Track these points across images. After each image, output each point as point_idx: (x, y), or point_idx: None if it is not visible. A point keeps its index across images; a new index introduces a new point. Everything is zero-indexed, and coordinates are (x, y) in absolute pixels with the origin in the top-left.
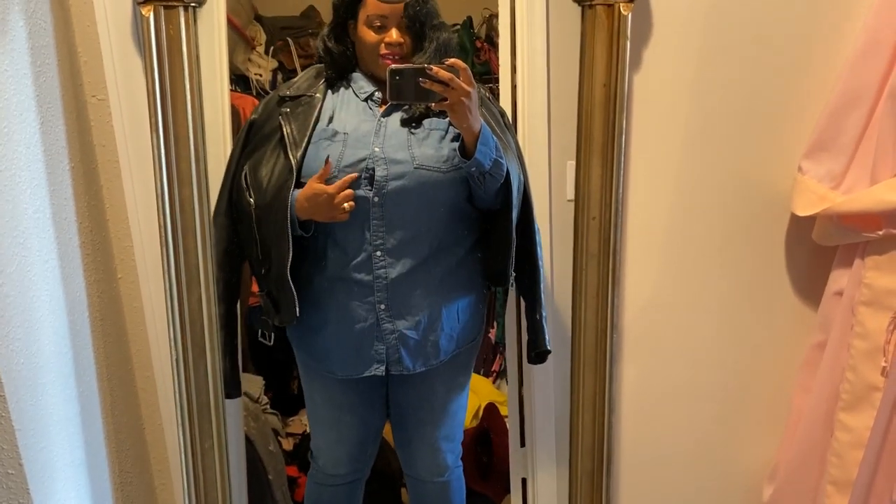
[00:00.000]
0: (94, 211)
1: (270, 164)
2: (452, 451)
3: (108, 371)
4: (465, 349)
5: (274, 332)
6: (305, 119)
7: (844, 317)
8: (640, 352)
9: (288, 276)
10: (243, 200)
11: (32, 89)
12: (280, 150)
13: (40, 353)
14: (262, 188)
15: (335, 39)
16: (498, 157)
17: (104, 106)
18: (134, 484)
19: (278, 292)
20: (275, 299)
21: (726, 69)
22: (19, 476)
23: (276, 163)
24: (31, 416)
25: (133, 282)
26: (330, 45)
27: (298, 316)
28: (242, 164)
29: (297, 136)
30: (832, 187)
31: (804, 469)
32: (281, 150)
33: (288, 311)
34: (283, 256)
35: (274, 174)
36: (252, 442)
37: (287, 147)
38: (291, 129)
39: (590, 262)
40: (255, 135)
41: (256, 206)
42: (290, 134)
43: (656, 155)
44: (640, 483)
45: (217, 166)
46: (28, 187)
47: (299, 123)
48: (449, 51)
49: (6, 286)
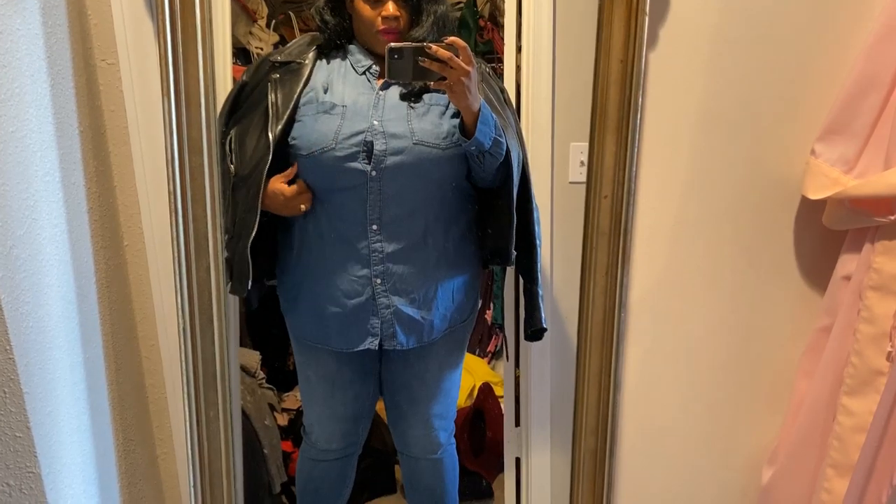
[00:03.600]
0: (103, 177)
1: (255, 137)
2: (445, 428)
3: (114, 339)
4: (458, 327)
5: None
6: (292, 87)
7: (851, 301)
8: (646, 332)
9: (248, 250)
10: (223, 165)
11: (44, 50)
12: (264, 122)
13: (49, 318)
14: (244, 159)
15: (332, 11)
16: (498, 136)
17: (114, 70)
18: (137, 452)
19: (236, 262)
20: (230, 266)
21: (743, 50)
22: (27, 439)
23: (259, 136)
24: (38, 380)
25: (140, 249)
26: (326, 18)
27: (251, 290)
28: (230, 128)
29: (281, 108)
30: (845, 171)
31: (805, 452)
32: (263, 124)
33: (240, 283)
34: (248, 229)
35: (258, 147)
36: (248, 416)
37: (268, 121)
38: (276, 99)
39: (600, 240)
40: (245, 99)
41: (236, 174)
42: (273, 103)
43: (670, 134)
44: (641, 462)
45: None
46: (38, 150)
47: (285, 92)
48: (447, 24)
49: (16, 248)
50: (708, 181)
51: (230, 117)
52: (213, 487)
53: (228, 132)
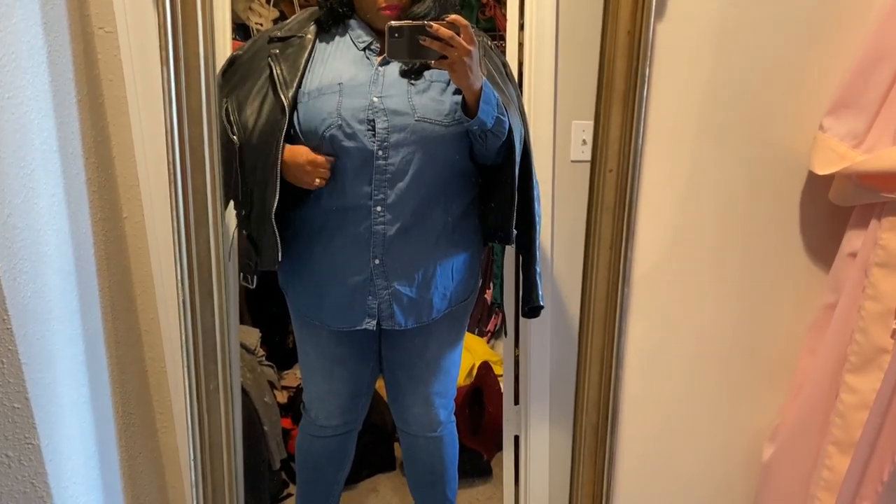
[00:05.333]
0: (101, 147)
1: (256, 104)
2: (445, 406)
3: (113, 312)
4: (458, 307)
5: (256, 275)
6: (296, 60)
7: (857, 278)
8: (649, 307)
9: (272, 219)
10: (223, 137)
11: (39, 16)
12: (268, 90)
13: (47, 289)
14: (247, 127)
15: None
16: (500, 115)
17: (112, 38)
18: (137, 426)
19: (260, 235)
20: (255, 242)
21: (752, 22)
22: (25, 410)
23: (262, 103)
24: (37, 350)
25: (139, 221)
26: None
27: (281, 261)
28: (221, 99)
29: (288, 77)
30: (853, 146)
31: (806, 430)
32: (270, 91)
33: (269, 255)
34: (269, 200)
35: (262, 114)
36: (248, 393)
37: (277, 87)
38: (281, 70)
39: (604, 214)
40: (237, 72)
41: (241, 145)
42: (279, 74)
43: (676, 107)
44: (643, 438)
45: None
46: (36, 117)
47: (289, 64)
48: (449, 1)
49: (14, 217)
50: (714, 155)
51: (220, 90)
52: (214, 460)
53: (222, 103)
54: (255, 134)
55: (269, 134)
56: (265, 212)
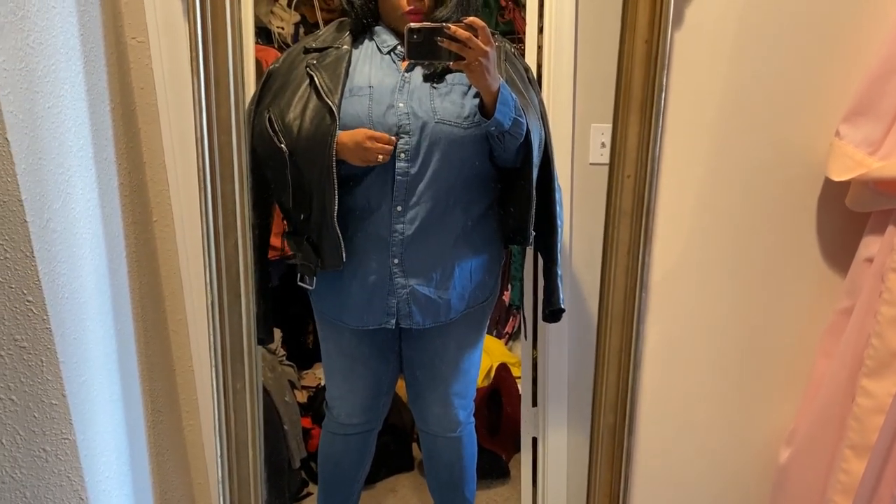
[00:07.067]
0: (133, 153)
1: (298, 110)
2: (464, 407)
3: (143, 312)
4: (477, 308)
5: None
6: (336, 69)
7: (873, 283)
8: (667, 311)
9: (335, 222)
10: (271, 146)
11: (77, 28)
12: (310, 96)
13: (82, 290)
14: (293, 133)
15: None
16: (517, 117)
17: (144, 48)
18: (164, 423)
19: (321, 238)
20: (315, 245)
21: (768, 31)
22: (62, 407)
23: (305, 108)
24: (73, 349)
25: (168, 225)
26: None
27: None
28: (263, 111)
29: (331, 84)
30: (869, 153)
31: (822, 433)
32: (313, 96)
33: (333, 256)
34: (329, 204)
35: (305, 119)
36: (269, 392)
37: (322, 93)
38: (322, 78)
39: (622, 220)
40: (274, 83)
41: (289, 151)
42: (322, 82)
43: (694, 114)
44: (660, 440)
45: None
46: (73, 125)
47: (330, 73)
48: (472, 4)
49: (52, 221)
50: (731, 162)
51: (260, 103)
52: (240, 458)
53: (262, 115)
54: (303, 140)
55: (319, 139)
56: (325, 216)
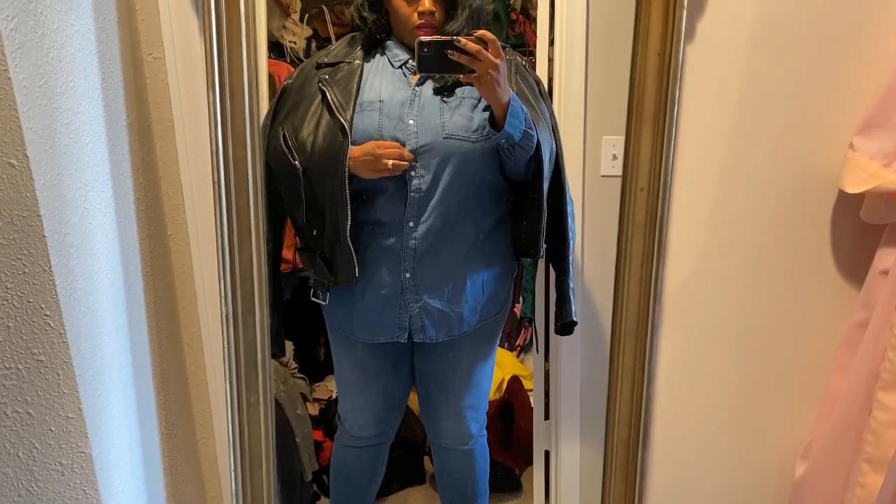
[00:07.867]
0: (148, 168)
1: (311, 126)
2: (477, 420)
3: (157, 326)
4: (489, 321)
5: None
6: (348, 84)
7: (889, 296)
8: (680, 324)
9: (347, 238)
10: (285, 163)
11: (95, 45)
12: (323, 112)
13: (99, 304)
14: (306, 150)
15: (369, 7)
16: (528, 129)
17: (160, 64)
18: (178, 436)
19: (333, 253)
20: (328, 260)
21: (781, 43)
22: (78, 420)
23: (318, 125)
24: (89, 363)
25: (183, 239)
26: (364, 14)
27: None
28: (277, 128)
29: (343, 100)
30: (883, 165)
31: (839, 447)
32: (325, 112)
33: (346, 271)
34: (341, 220)
35: (318, 136)
36: (281, 404)
37: (334, 110)
38: (335, 94)
39: (635, 232)
40: (288, 99)
41: (303, 168)
42: (334, 98)
43: (707, 127)
44: (674, 454)
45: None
46: (90, 141)
47: (342, 88)
48: (482, 18)
49: (70, 236)
50: (744, 174)
51: (275, 119)
52: (254, 471)
53: (277, 132)
54: (316, 157)
55: (332, 156)
56: (338, 231)
